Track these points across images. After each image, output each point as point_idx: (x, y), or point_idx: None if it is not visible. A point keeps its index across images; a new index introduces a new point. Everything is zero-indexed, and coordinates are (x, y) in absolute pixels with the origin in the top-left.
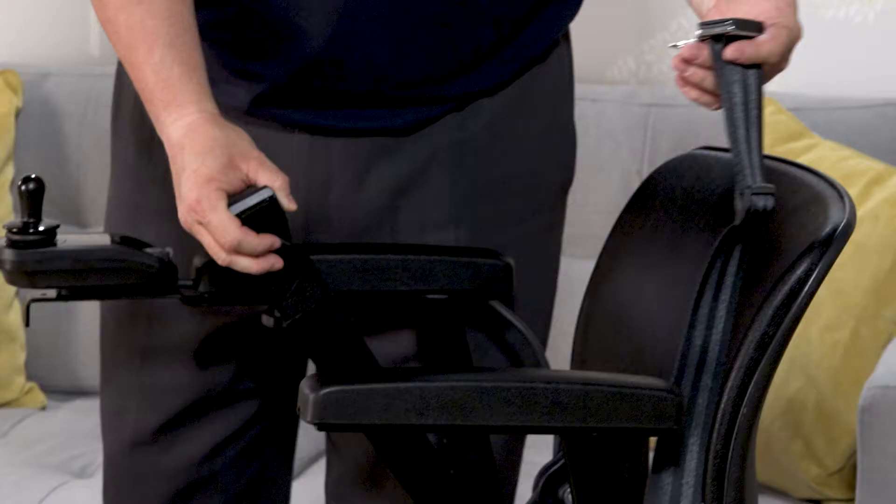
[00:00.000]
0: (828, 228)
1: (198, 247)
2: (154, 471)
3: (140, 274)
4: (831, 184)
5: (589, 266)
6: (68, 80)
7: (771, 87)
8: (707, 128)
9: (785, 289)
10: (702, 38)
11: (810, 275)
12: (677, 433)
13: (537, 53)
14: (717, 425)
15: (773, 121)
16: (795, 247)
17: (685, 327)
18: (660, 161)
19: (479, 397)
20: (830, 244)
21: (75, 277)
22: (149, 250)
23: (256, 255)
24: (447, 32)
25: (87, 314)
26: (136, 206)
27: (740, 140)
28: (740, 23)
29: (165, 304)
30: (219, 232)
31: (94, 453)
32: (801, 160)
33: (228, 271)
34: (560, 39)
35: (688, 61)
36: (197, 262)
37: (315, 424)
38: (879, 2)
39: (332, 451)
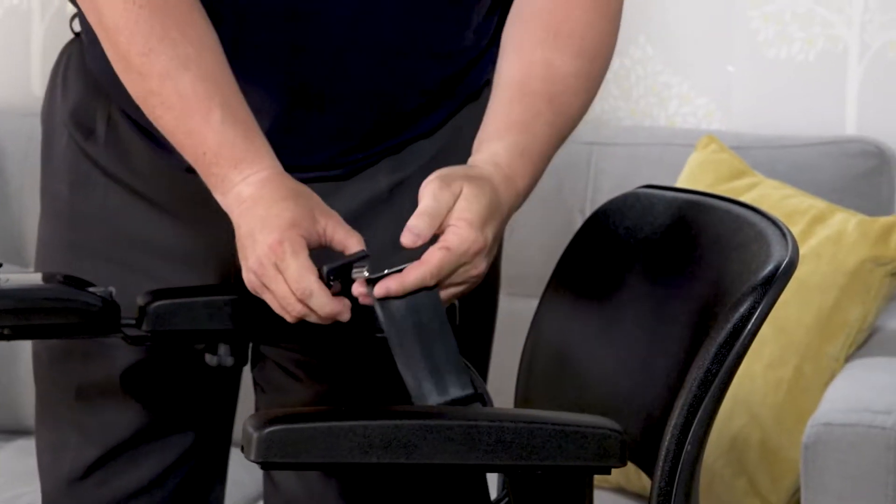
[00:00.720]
0: (770, 266)
1: (137, 285)
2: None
3: (83, 313)
4: (773, 222)
5: (531, 304)
6: (9, 119)
7: (713, 126)
8: (649, 166)
9: (728, 326)
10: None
11: (753, 312)
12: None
13: (471, 93)
14: (660, 463)
15: (716, 159)
16: (738, 285)
17: (628, 361)
18: (602, 200)
19: (423, 435)
20: (773, 282)
21: (18, 317)
22: (91, 289)
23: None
24: (389, 100)
25: (30, 353)
26: (71, 244)
27: (417, 365)
28: (378, 263)
29: (99, 339)
30: (294, 278)
31: (37, 493)
32: (744, 198)
33: (173, 311)
34: (492, 77)
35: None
36: (140, 301)
37: (259, 463)
38: (820, 41)
39: (270, 487)
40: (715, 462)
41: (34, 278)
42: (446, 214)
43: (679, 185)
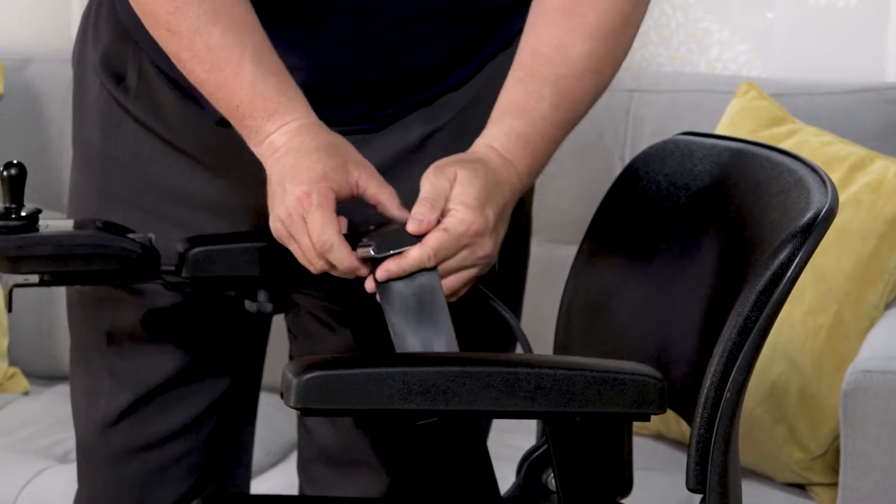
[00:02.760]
0: (810, 214)
1: (167, 234)
2: (126, 451)
3: (122, 259)
4: (813, 169)
5: (571, 252)
6: (50, 66)
7: (753, 73)
8: (689, 113)
9: (768, 274)
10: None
11: (793, 260)
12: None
13: (502, 44)
14: (700, 410)
15: (756, 106)
16: (778, 232)
17: (668, 308)
18: (642, 147)
19: (462, 382)
20: (813, 229)
21: (58, 263)
22: (131, 236)
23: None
24: (420, 56)
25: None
26: (102, 191)
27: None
28: (384, 242)
29: (132, 285)
30: (317, 231)
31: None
32: (783, 146)
33: (211, 258)
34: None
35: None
36: (179, 247)
37: (298, 409)
38: None
39: (304, 434)
40: (754, 409)
41: (73, 225)
42: (445, 200)
43: (718, 132)
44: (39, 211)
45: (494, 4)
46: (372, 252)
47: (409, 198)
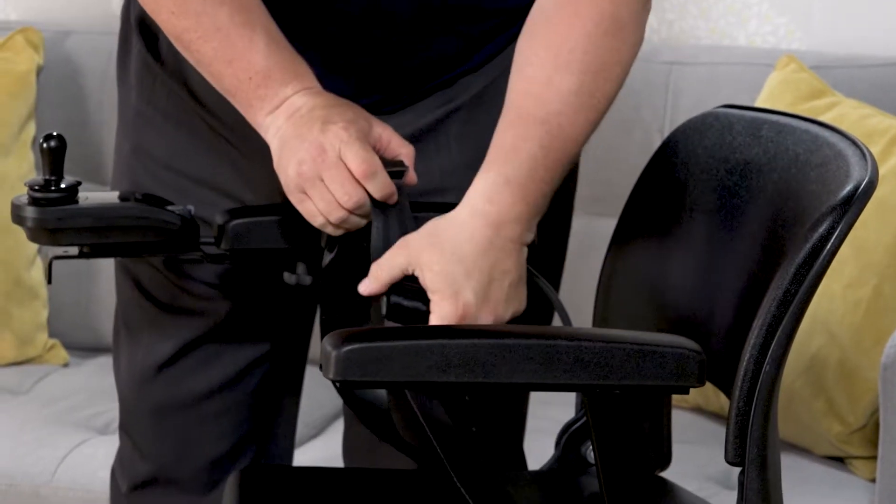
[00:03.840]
0: (850, 186)
1: (195, 196)
2: (164, 405)
3: (162, 231)
4: (853, 142)
5: (611, 224)
6: (90, 38)
7: (793, 45)
8: (728, 86)
9: (807, 247)
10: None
11: (833, 233)
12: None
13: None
14: (739, 383)
15: (795, 79)
16: (817, 205)
17: (707, 282)
18: (681, 119)
19: (502, 355)
20: (853, 202)
21: (97, 235)
22: (170, 208)
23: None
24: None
25: (110, 272)
26: (134, 149)
27: None
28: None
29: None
30: (360, 157)
31: (117, 410)
32: (823, 118)
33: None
34: None
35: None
36: (218, 219)
37: (337, 381)
38: None
39: (347, 408)
40: (794, 382)
41: (113, 196)
42: (407, 272)
43: (758, 104)
44: (79, 183)
45: (502, 5)
46: None
47: (424, 177)
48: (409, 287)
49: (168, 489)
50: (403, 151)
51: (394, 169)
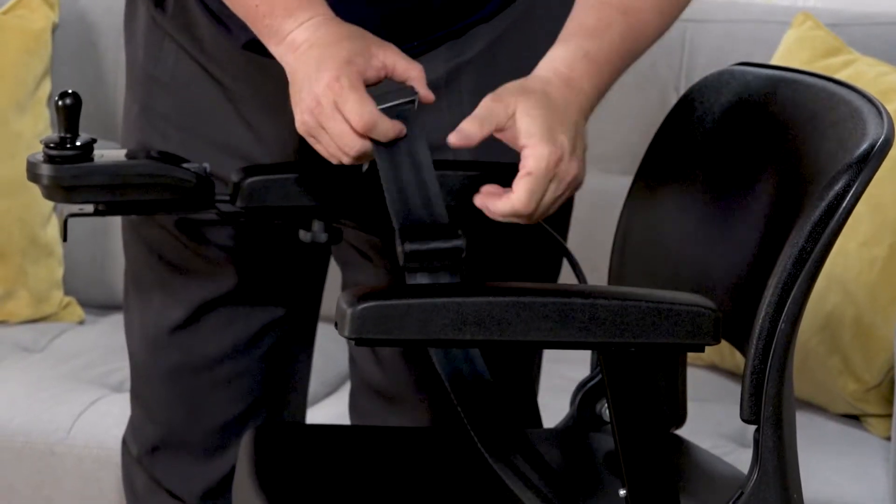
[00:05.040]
0: (866, 144)
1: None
2: (176, 368)
3: (177, 189)
4: (869, 99)
5: (626, 182)
6: None
7: (809, 3)
8: (744, 43)
9: (823, 205)
10: None
11: (848, 190)
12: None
13: None
14: (754, 341)
15: (812, 36)
16: (833, 163)
17: (723, 240)
18: (697, 77)
19: (517, 312)
20: (868, 160)
21: (112, 192)
22: (186, 165)
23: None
24: None
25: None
26: (144, 108)
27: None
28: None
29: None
30: (355, 112)
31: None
32: (839, 76)
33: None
34: None
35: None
36: (234, 177)
37: (352, 339)
38: None
39: (352, 367)
40: (809, 340)
41: (127, 154)
42: (503, 123)
43: (774, 62)
44: (94, 141)
45: None
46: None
47: (437, 132)
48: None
49: (179, 453)
50: (413, 74)
51: (402, 101)
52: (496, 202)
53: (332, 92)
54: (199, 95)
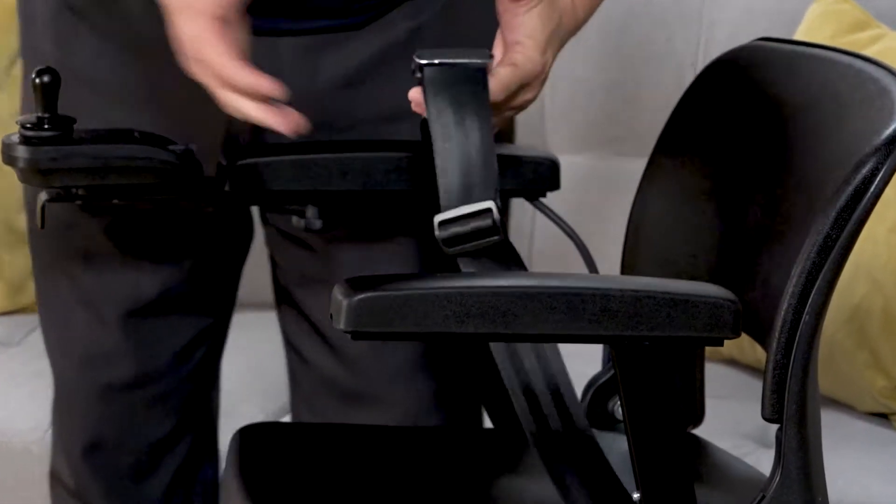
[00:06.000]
0: (895, 125)
1: None
2: (109, 386)
3: (162, 173)
4: None
5: (639, 165)
6: None
7: None
8: (765, 17)
9: (849, 189)
10: None
11: (876, 174)
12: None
13: None
14: (776, 335)
15: (837, 9)
16: (860, 144)
17: (742, 227)
18: (716, 53)
19: (524, 304)
20: None
21: (93, 176)
22: (172, 147)
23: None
24: None
25: None
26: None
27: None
28: None
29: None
30: (217, 68)
31: None
32: (867, 52)
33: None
34: None
35: None
36: (222, 160)
37: (349, 332)
38: None
39: (299, 365)
40: (835, 333)
41: (111, 135)
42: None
43: (797, 37)
44: (74, 121)
45: None
46: (420, 59)
47: (395, 99)
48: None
49: (111, 479)
50: None
51: (467, 62)
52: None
53: (194, 51)
54: (132, 82)
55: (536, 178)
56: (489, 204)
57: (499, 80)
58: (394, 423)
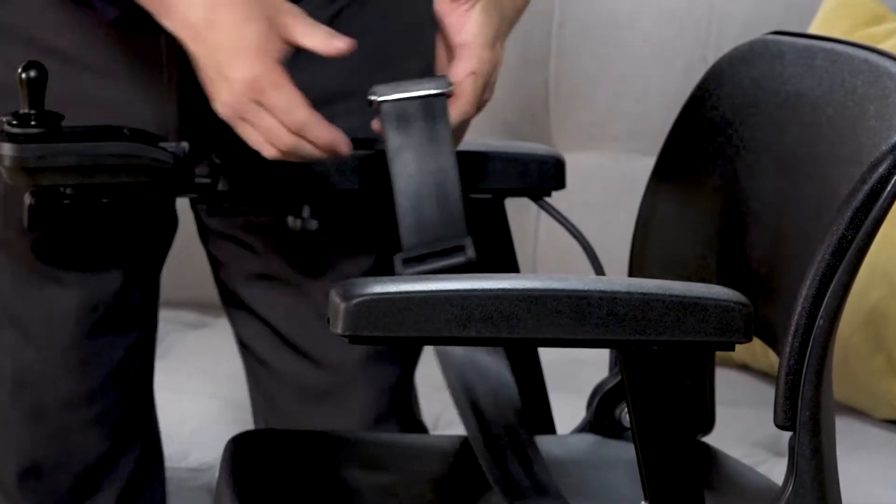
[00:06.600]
0: None
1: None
2: (42, 407)
3: (153, 171)
4: None
5: (648, 163)
6: None
7: None
8: (778, 10)
9: (865, 189)
10: None
11: (894, 173)
12: None
13: None
14: (789, 339)
15: (853, 2)
16: (876, 142)
17: (754, 227)
18: (727, 47)
19: (528, 307)
20: None
21: (82, 175)
22: (163, 145)
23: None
24: None
25: None
26: None
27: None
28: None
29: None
30: (283, 110)
31: None
32: (884, 46)
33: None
34: None
35: None
36: (215, 158)
37: (346, 337)
38: None
39: (256, 366)
40: (850, 338)
41: (100, 133)
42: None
43: (812, 31)
44: (62, 117)
45: None
46: (376, 97)
47: (323, 81)
48: None
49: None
50: (314, 43)
51: (428, 94)
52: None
53: (254, 92)
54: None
55: (541, 176)
56: (462, 241)
57: (465, 96)
58: (357, 415)
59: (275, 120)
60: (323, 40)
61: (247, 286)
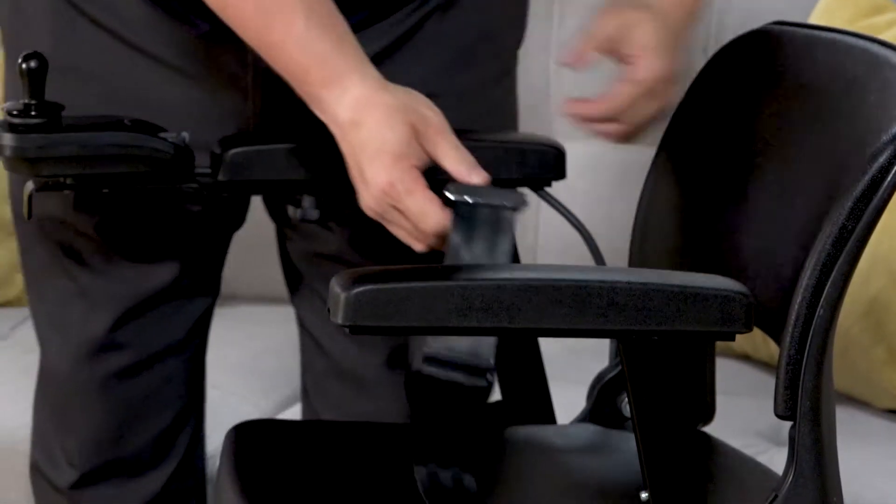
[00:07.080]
0: None
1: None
2: (107, 378)
3: (153, 161)
4: None
5: (649, 153)
6: None
7: None
8: (779, 0)
9: (865, 178)
10: None
11: (894, 163)
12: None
13: None
14: (790, 329)
15: None
16: (877, 132)
17: (755, 217)
18: (728, 37)
19: (528, 297)
20: None
21: (82, 165)
22: (163, 135)
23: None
24: None
25: None
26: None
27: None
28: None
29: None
30: (416, 215)
31: None
32: (885, 37)
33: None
34: None
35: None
36: (216, 148)
37: (346, 327)
38: None
39: (311, 348)
40: (851, 328)
41: (100, 122)
42: (615, 39)
43: (812, 21)
44: (62, 108)
45: None
46: (450, 195)
47: (409, 79)
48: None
49: (110, 477)
50: (460, 170)
51: (500, 205)
52: (592, 105)
53: (389, 197)
54: (130, 81)
55: (541, 166)
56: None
57: (621, 98)
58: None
59: (411, 223)
60: (465, 169)
61: (312, 265)
